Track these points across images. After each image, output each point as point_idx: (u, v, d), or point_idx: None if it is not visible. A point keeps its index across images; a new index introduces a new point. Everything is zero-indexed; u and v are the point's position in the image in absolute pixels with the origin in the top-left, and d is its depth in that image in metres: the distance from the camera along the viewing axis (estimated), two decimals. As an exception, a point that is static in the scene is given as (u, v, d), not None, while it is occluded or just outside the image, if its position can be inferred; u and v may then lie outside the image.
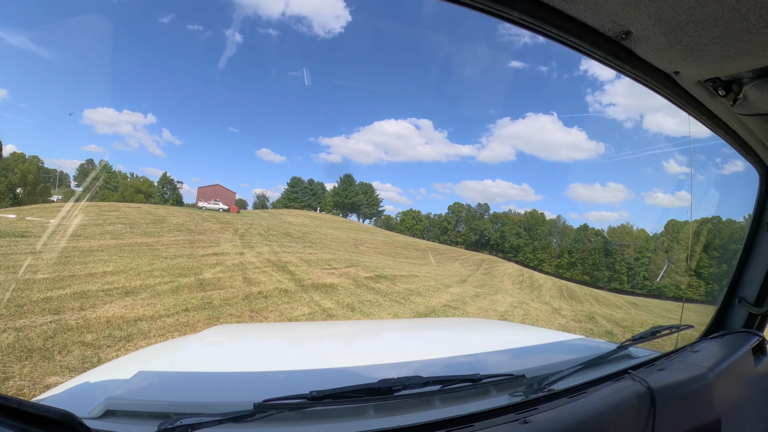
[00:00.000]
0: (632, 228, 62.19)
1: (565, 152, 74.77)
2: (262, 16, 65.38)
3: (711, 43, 1.02)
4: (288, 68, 70.25)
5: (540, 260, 68.81)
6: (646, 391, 1.19)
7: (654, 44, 1.08)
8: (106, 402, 0.90)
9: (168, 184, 65.25)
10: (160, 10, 62.90)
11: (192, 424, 0.78)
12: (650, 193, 45.53)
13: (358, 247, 26.19)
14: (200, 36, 63.66)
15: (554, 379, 1.15)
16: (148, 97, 69.03)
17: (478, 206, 78.09)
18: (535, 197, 78.69)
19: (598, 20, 1.00)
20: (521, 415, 0.99)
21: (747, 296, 2.01)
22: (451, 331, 2.45)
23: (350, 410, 0.95)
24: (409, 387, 0.98)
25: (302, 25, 67.45)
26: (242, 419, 0.82)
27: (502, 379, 1.12)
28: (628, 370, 1.33)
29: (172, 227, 17.15)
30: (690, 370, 1.42)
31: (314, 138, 78.02)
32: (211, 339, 1.79)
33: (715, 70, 1.16)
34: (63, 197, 48.60)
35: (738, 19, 0.92)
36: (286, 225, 28.56)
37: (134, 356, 1.64)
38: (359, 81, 73.27)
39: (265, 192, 72.41)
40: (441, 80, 76.11)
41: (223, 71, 67.37)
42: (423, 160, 78.13)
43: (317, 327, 2.92)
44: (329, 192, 70.24)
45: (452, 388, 1.05)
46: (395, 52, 75.51)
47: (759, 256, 2.00)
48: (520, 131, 75.06)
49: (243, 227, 20.68)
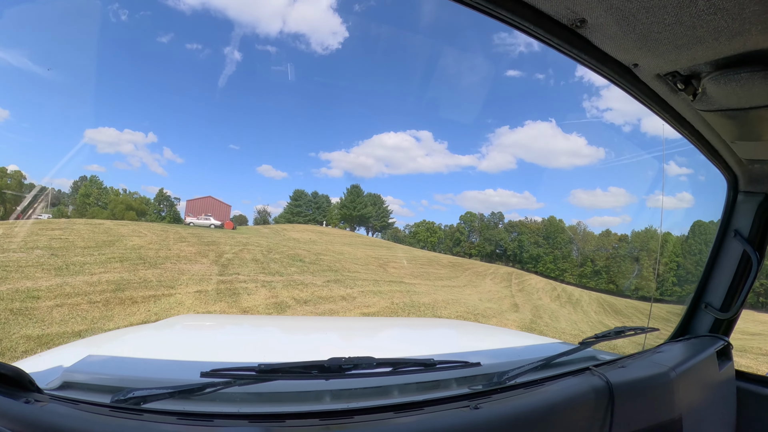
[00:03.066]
0: (656, 231, 59.14)
1: (566, 159, 72.81)
2: (260, 35, 63.90)
3: (664, 30, 1.01)
4: (287, 84, 68.95)
5: (561, 270, 64.27)
6: (604, 385, 1.18)
7: (609, 33, 1.06)
8: (63, 375, 0.91)
9: (165, 200, 60.75)
10: (159, 30, 62.05)
11: (143, 396, 0.80)
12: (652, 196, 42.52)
13: (385, 269, 20.36)
14: (199, 54, 62.39)
15: (513, 374, 1.14)
16: (148, 116, 67.26)
17: (492, 215, 73.49)
18: (537, 205, 77.38)
19: (551, 6, 0.98)
20: (473, 402, 0.97)
21: (713, 302, 2.01)
22: (416, 326, 2.49)
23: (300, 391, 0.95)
24: (360, 367, 0.94)
25: (300, 42, 65.99)
26: (192, 392, 0.83)
27: (456, 365, 1.08)
28: (589, 366, 1.32)
29: (119, 254, 11.06)
30: (652, 368, 1.40)
31: (314, 153, 75.83)
32: (169, 324, 1.83)
33: (672, 62, 1.14)
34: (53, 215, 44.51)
35: (687, 5, 0.91)
36: (291, 243, 22.24)
37: (93, 338, 1.66)
38: (358, 94, 71.94)
39: (267, 207, 68.00)
40: (439, 91, 74.55)
41: (222, 89, 65.67)
42: (424, 172, 76.13)
43: (281, 321, 3.02)
44: (335, 204, 65.45)
45: (404, 371, 1.02)
46: (392, 65, 74.79)
47: (725, 263, 2.00)
48: (519, 139, 73.15)
49: (233, 250, 14.41)
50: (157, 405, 0.80)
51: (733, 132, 1.49)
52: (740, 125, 1.41)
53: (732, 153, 1.68)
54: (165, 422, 0.77)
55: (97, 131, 60.15)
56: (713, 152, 1.69)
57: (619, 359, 1.50)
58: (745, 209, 1.94)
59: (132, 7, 55.36)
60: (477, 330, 2.51)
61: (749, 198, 1.92)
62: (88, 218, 33.03)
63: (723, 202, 2.00)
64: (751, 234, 1.92)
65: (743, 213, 1.94)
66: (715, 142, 1.61)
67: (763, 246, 1.94)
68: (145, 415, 0.77)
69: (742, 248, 1.93)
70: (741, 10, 0.88)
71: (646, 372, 1.36)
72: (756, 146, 1.59)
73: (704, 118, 1.41)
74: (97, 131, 60.15)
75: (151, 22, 59.05)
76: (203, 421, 0.79)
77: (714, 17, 0.92)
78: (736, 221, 1.97)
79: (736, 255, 1.95)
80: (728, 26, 0.94)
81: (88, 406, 0.79)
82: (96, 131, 59.78)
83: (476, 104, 72.96)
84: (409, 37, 69.00)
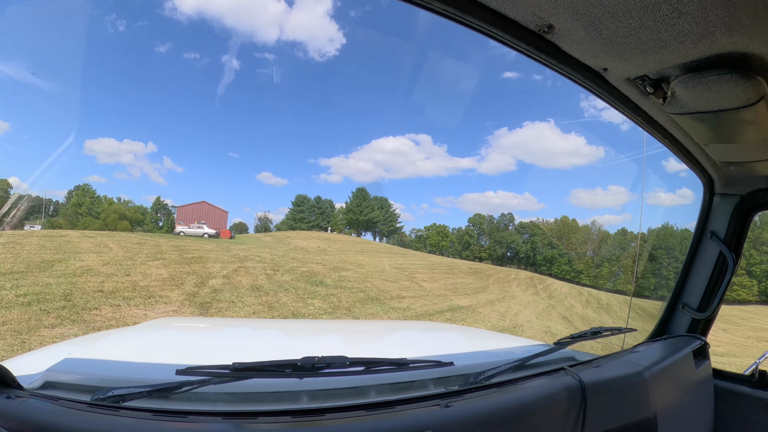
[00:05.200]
0: (673, 228, 56.73)
1: (565, 159, 71.60)
2: (258, 43, 62.11)
3: (630, 35, 1.00)
4: (285, 91, 67.48)
5: (577, 272, 60.84)
6: (577, 384, 1.18)
7: (577, 38, 1.06)
8: (44, 374, 0.91)
9: (162, 209, 57.52)
10: (156, 40, 59.72)
11: (122, 395, 0.81)
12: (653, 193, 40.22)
13: (416, 282, 16.89)
14: (196, 63, 60.31)
15: (489, 374, 1.13)
16: (147, 125, 65.70)
17: (501, 216, 70.43)
18: (538, 206, 76.25)
19: (518, 13, 0.98)
20: (445, 400, 0.96)
21: (690, 302, 2.01)
22: (390, 329, 2.41)
23: (273, 390, 0.94)
24: (333, 366, 0.94)
25: (297, 50, 64.71)
26: (168, 390, 0.84)
27: (429, 364, 1.07)
28: (564, 366, 1.31)
29: (40, 287, 6.95)
30: (626, 368, 1.40)
31: (314, 159, 73.43)
32: (150, 327, 1.83)
33: (640, 65, 1.13)
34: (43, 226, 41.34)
35: (651, 9, 0.90)
36: (300, 255, 18.16)
37: (76, 340, 1.69)
38: (355, 100, 70.02)
39: (268, 214, 64.27)
40: (437, 95, 73.79)
41: (220, 98, 63.76)
42: (424, 176, 74.37)
43: (260, 323, 3.04)
44: (339, 209, 62.17)
45: (377, 370, 1.01)
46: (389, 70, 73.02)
47: (702, 264, 2.00)
48: (518, 141, 71.94)
49: (225, 270, 10.35)
50: (135, 403, 0.81)
51: (705, 135, 1.49)
52: (712, 128, 1.40)
53: (706, 156, 1.70)
54: (142, 419, 0.78)
55: (97, 141, 58.76)
56: (688, 155, 1.70)
57: (595, 359, 1.50)
58: (721, 211, 1.95)
59: (130, 17, 54.21)
60: (454, 331, 2.57)
61: (725, 200, 1.93)
62: (80, 228, 31.74)
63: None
64: (727, 235, 1.93)
65: (719, 215, 1.96)
66: (690, 146, 1.62)
67: (738, 247, 1.96)
68: (122, 412, 0.78)
69: (718, 249, 1.94)
70: (704, 13, 0.88)
71: (620, 371, 1.36)
72: (729, 149, 1.59)
73: (676, 122, 1.42)
74: (97, 141, 58.76)
75: (148, 32, 57.76)
76: (178, 418, 0.80)
77: (678, 21, 0.92)
78: (712, 223, 1.98)
79: (712, 256, 1.97)
80: (693, 30, 0.94)
81: (69, 403, 0.79)
82: (95, 141, 58.50)
83: (475, 107, 72.70)
84: (405, 42, 68.78)
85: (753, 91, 1.09)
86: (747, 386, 1.80)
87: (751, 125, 1.31)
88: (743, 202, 1.88)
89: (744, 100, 1.13)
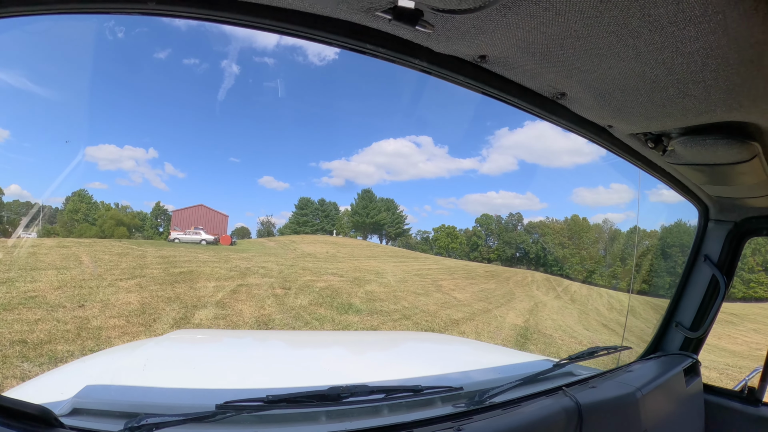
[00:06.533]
0: (686, 225, 55.09)
1: (567, 158, 71.08)
2: (257, 47, 61.44)
3: (637, 106, 1.07)
4: (285, 95, 67.08)
5: (589, 272, 58.41)
6: (575, 407, 1.22)
7: (586, 104, 1.13)
8: (74, 401, 0.90)
9: (162, 214, 55.74)
10: (156, 46, 59.25)
11: (156, 423, 0.80)
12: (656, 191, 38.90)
13: (442, 291, 15.01)
14: (196, 69, 59.81)
15: (493, 393, 1.17)
16: (148, 131, 64.70)
17: (510, 217, 68.39)
18: (541, 205, 75.67)
19: (536, 84, 1.06)
20: (456, 423, 1.01)
21: (683, 321, 2.06)
22: (401, 343, 2.48)
23: (302, 415, 0.98)
24: (356, 395, 1.00)
25: (297, 54, 63.58)
26: (203, 420, 0.85)
27: (441, 389, 1.14)
28: (562, 386, 1.34)
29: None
30: (619, 388, 1.44)
31: (315, 163, 72.80)
32: (172, 343, 1.79)
33: (643, 126, 1.21)
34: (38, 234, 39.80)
35: (659, 90, 0.96)
36: (311, 264, 15.80)
37: (88, 358, 1.69)
38: (355, 103, 69.87)
39: (270, 218, 62.18)
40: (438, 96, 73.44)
41: (221, 103, 63.44)
42: (425, 177, 73.80)
43: (273, 335, 3.14)
44: (344, 212, 60.19)
45: (395, 397, 1.07)
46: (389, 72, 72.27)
47: (696, 285, 2.04)
48: (519, 141, 71.13)
49: (220, 292, 7.88)
50: (170, 431, 0.81)
51: (701, 179, 1.56)
52: (708, 176, 1.48)
53: (702, 191, 1.78)
54: None
55: (98, 148, 57.31)
56: (684, 189, 1.77)
57: (591, 378, 1.53)
58: (715, 236, 2.00)
59: (129, 24, 53.10)
60: (460, 343, 2.74)
61: (719, 226, 1.99)
62: (75, 236, 30.31)
63: None
64: (720, 259, 1.98)
65: (713, 239, 2.01)
66: (686, 182, 1.69)
67: (731, 271, 2.01)
68: None
69: (711, 272, 1.99)
70: (708, 96, 0.95)
71: (613, 392, 1.40)
72: (723, 189, 1.65)
73: (674, 168, 1.50)
74: (98, 148, 57.31)
75: (148, 38, 57.05)
76: None
77: (683, 101, 0.98)
78: (706, 247, 2.03)
79: (705, 278, 2.01)
80: (695, 107, 1.01)
81: None
82: (96, 148, 57.09)
83: (476, 107, 72.44)
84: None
85: (747, 151, 1.17)
86: (737, 402, 1.87)
87: (746, 174, 1.38)
88: (737, 228, 1.94)
89: (738, 158, 1.22)
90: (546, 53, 0.92)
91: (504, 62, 0.97)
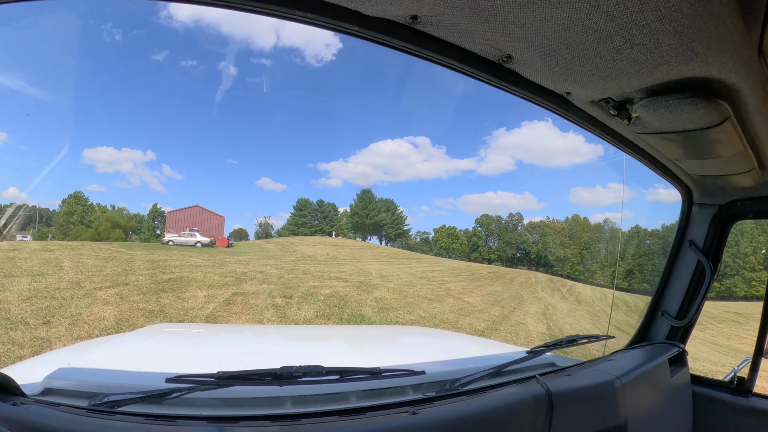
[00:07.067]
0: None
1: (564, 157, 70.92)
2: (254, 50, 61.27)
3: (586, 64, 1.02)
4: (283, 97, 66.84)
5: (591, 272, 57.94)
6: (545, 394, 1.18)
7: (536, 67, 1.08)
8: (46, 381, 0.95)
9: (159, 216, 55.04)
10: (153, 48, 59.35)
11: (117, 401, 0.86)
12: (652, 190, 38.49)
13: (452, 295, 14.76)
14: (193, 71, 59.46)
15: (465, 381, 1.16)
16: (146, 133, 64.15)
17: (510, 217, 67.81)
18: (539, 205, 75.50)
19: (477, 46, 1.01)
20: (414, 408, 1.00)
21: (669, 310, 2.02)
22: (373, 334, 2.44)
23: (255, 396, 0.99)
24: (309, 375, 0.99)
25: (294, 56, 64.00)
26: (159, 397, 0.89)
27: (401, 373, 1.11)
28: (536, 375, 1.32)
29: None
30: (596, 376, 1.41)
31: (313, 164, 72.70)
32: (147, 334, 1.89)
33: (601, 90, 1.15)
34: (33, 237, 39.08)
35: (603, 41, 0.92)
36: (312, 267, 15.05)
37: (74, 346, 1.77)
38: (352, 104, 69.55)
39: (269, 219, 61.77)
40: (435, 96, 74.25)
41: (218, 104, 62.84)
42: (423, 178, 73.67)
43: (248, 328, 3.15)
44: (344, 213, 59.49)
45: (351, 378, 1.05)
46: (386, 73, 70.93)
47: (681, 272, 2.01)
48: (517, 141, 71.02)
49: (213, 303, 6.93)
50: (129, 408, 0.86)
51: (676, 152, 1.49)
52: (680, 146, 1.40)
53: (681, 170, 1.69)
54: (135, 423, 0.82)
55: (95, 150, 56.85)
56: (663, 168, 1.69)
57: (569, 367, 1.49)
58: (699, 220, 1.96)
59: (126, 26, 52.68)
60: (431, 335, 2.59)
61: (703, 210, 1.94)
62: (71, 238, 29.69)
63: None
64: (706, 244, 1.94)
65: (698, 224, 1.97)
66: (663, 160, 1.61)
67: (717, 256, 1.96)
68: (117, 417, 0.83)
69: (697, 258, 1.94)
70: (657, 43, 0.90)
71: (590, 380, 1.37)
72: (702, 164, 1.57)
73: (645, 140, 1.42)
74: (95, 150, 56.85)
75: (145, 40, 56.41)
76: (167, 422, 0.85)
77: (632, 51, 0.94)
78: (690, 232, 1.99)
79: (691, 264, 1.97)
80: (647, 59, 0.96)
81: (68, 408, 0.84)
82: (94, 150, 56.67)
83: (473, 108, 71.86)
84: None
85: (716, 113, 1.10)
86: (726, 393, 1.83)
87: (720, 143, 1.31)
88: (722, 212, 1.90)
89: (707, 121, 1.15)
90: (476, 8, 0.87)
91: (437, 22, 0.93)
